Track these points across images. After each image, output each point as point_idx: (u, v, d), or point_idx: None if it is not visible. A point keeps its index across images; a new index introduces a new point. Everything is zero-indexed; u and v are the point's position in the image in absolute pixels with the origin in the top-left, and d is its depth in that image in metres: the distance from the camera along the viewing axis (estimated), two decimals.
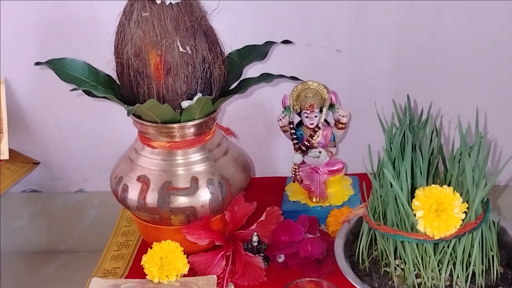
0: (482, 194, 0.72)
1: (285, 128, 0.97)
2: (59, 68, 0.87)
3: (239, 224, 0.92)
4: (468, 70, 1.05)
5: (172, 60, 0.82)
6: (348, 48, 1.05)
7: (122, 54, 0.83)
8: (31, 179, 1.18)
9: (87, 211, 1.20)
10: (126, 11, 0.83)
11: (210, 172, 0.88)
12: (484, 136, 0.74)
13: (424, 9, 1.01)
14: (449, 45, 1.03)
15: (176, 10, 0.81)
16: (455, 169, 0.75)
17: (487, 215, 0.74)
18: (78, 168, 1.18)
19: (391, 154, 0.75)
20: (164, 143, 0.88)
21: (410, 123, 0.80)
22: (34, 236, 1.22)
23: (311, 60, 1.05)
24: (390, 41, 1.04)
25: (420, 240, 0.72)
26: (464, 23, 1.01)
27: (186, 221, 0.88)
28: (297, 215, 0.93)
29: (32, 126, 1.14)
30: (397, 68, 1.06)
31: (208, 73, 0.85)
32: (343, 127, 0.96)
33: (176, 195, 0.86)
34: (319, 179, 0.97)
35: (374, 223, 0.77)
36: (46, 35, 1.06)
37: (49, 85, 1.07)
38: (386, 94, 1.04)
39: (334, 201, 0.99)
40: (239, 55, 0.93)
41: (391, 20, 1.02)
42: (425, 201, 0.70)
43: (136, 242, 1.00)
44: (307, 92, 0.93)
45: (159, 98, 0.83)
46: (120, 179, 0.89)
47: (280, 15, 1.02)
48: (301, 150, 0.95)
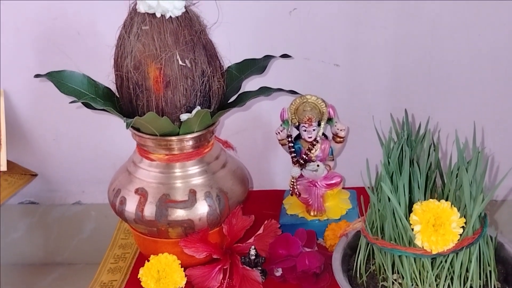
0: (480, 209, 0.72)
1: (283, 142, 0.97)
2: (58, 80, 0.87)
3: (236, 238, 0.91)
4: (465, 85, 1.05)
5: (171, 73, 0.82)
6: (346, 63, 1.05)
7: (122, 67, 0.84)
8: (28, 191, 1.18)
9: (84, 223, 1.20)
10: (126, 25, 0.83)
11: (208, 185, 0.88)
12: (482, 151, 0.75)
13: (422, 25, 1.02)
14: (446, 61, 1.04)
15: (176, 23, 0.82)
16: (452, 183, 0.75)
17: (485, 230, 0.74)
18: (76, 180, 1.18)
19: (389, 168, 0.76)
20: (162, 156, 0.88)
21: (408, 137, 0.80)
22: (31, 248, 1.21)
23: (309, 74, 1.06)
24: (388, 56, 1.04)
25: (418, 254, 0.72)
26: (461, 39, 1.02)
27: (184, 234, 0.88)
28: (295, 228, 0.93)
29: (30, 137, 1.14)
30: (395, 82, 1.06)
31: (207, 86, 0.85)
32: (341, 141, 0.96)
33: (174, 208, 0.86)
34: (317, 193, 0.97)
35: (372, 237, 0.77)
36: (45, 47, 1.06)
37: (48, 97, 1.08)
38: (384, 108, 1.05)
39: (332, 215, 0.99)
40: (238, 69, 0.94)
41: (388, 35, 1.03)
42: (422, 215, 0.70)
43: (133, 254, 0.99)
44: (306, 106, 0.94)
45: (158, 111, 0.84)
46: (118, 191, 0.89)
47: (279, 29, 1.03)
48: (299, 163, 0.95)
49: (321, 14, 1.02)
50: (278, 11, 1.02)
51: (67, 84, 0.88)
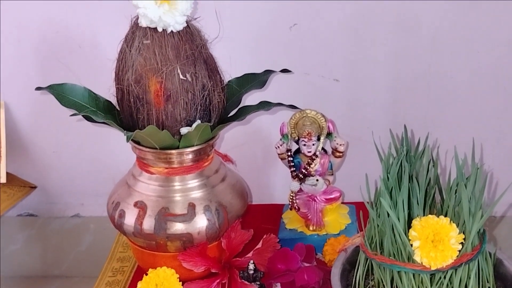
0: (479, 225, 0.72)
1: (283, 156, 0.97)
2: (59, 93, 0.88)
3: (235, 252, 0.91)
4: (464, 101, 1.06)
5: (172, 87, 0.83)
6: (346, 78, 1.06)
7: (123, 80, 0.84)
8: (27, 203, 1.18)
9: (83, 236, 1.20)
10: (127, 38, 0.84)
11: (207, 198, 0.88)
12: (480, 167, 0.75)
13: (421, 41, 1.02)
14: (445, 76, 1.04)
15: (177, 38, 0.82)
16: (451, 199, 0.75)
17: (484, 246, 0.74)
18: (75, 192, 1.18)
19: (388, 183, 0.76)
20: (162, 169, 0.88)
21: (407, 153, 0.80)
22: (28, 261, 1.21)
23: (309, 89, 1.07)
24: (387, 71, 1.05)
25: (417, 270, 0.72)
26: (460, 55, 1.03)
27: (182, 248, 0.88)
28: (293, 243, 0.93)
29: (30, 150, 1.14)
30: (394, 98, 1.07)
31: (207, 100, 0.86)
32: (340, 156, 0.97)
33: (173, 221, 0.86)
34: (316, 207, 0.97)
35: (371, 252, 0.76)
36: (47, 60, 1.07)
37: (48, 110, 1.08)
38: (383, 123, 1.05)
39: (331, 230, 0.99)
40: (238, 83, 0.94)
41: (388, 50, 1.03)
42: (421, 231, 0.70)
43: (131, 268, 0.99)
44: (305, 120, 0.94)
45: (158, 124, 0.84)
46: (117, 204, 0.89)
47: (279, 44, 1.04)
48: (299, 177, 0.96)
49: (321, 30, 1.03)
50: (279, 26, 1.03)
51: (68, 97, 0.88)
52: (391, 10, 1.00)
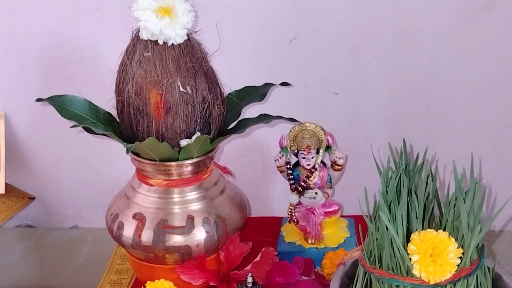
0: (477, 239, 0.72)
1: (282, 169, 0.98)
2: (60, 104, 0.88)
3: (234, 265, 0.91)
4: (463, 115, 1.06)
5: (172, 99, 0.83)
6: (345, 91, 1.06)
7: (123, 92, 0.84)
8: (25, 214, 1.17)
9: (81, 248, 1.19)
10: (128, 51, 0.84)
11: (206, 211, 0.88)
12: (479, 181, 0.75)
13: (420, 55, 1.03)
14: (444, 91, 1.05)
15: (177, 51, 0.83)
16: (450, 214, 0.75)
17: (482, 260, 0.74)
18: (74, 204, 1.18)
19: (387, 197, 0.76)
20: (161, 181, 0.88)
21: (406, 167, 0.80)
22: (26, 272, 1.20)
23: (308, 102, 1.07)
24: (386, 85, 1.06)
25: (416, 284, 0.72)
26: (459, 70, 1.03)
27: (181, 260, 0.87)
28: (292, 256, 0.93)
29: (29, 160, 1.14)
30: (393, 112, 1.07)
31: (207, 112, 0.86)
32: (339, 169, 0.97)
33: (172, 234, 0.86)
34: (315, 220, 0.97)
35: (369, 266, 0.76)
36: (47, 71, 1.07)
37: (48, 121, 1.08)
38: (382, 137, 1.06)
39: (330, 243, 0.98)
40: (238, 96, 0.94)
41: (387, 65, 1.04)
42: (420, 245, 0.70)
43: (129, 280, 0.99)
44: (304, 133, 0.94)
45: (158, 136, 0.84)
46: (116, 216, 0.89)
47: (279, 58, 1.04)
48: (298, 190, 0.96)
49: (320, 44, 1.03)
50: (279, 40, 1.03)
51: (68, 108, 0.88)
52: (391, 25, 1.01)
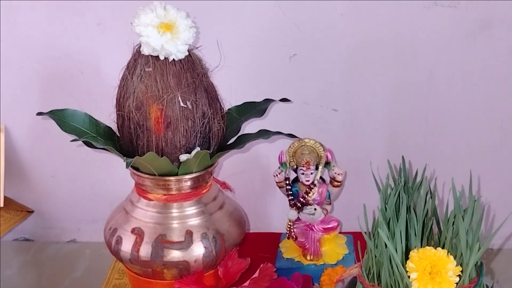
0: (476, 257, 0.72)
1: (281, 184, 0.98)
2: (60, 118, 0.88)
3: (232, 281, 0.91)
4: (461, 133, 1.07)
5: (172, 114, 0.83)
6: (344, 108, 1.07)
7: (124, 107, 0.85)
8: (23, 228, 1.17)
9: (79, 262, 1.19)
10: (129, 66, 0.85)
11: (205, 226, 0.88)
12: (478, 199, 0.75)
13: (419, 73, 1.04)
14: (442, 109, 1.05)
15: (178, 66, 0.84)
16: (449, 231, 0.75)
17: (481, 279, 0.74)
18: (72, 217, 1.17)
19: (386, 214, 0.76)
20: (160, 196, 0.88)
21: (405, 184, 0.81)
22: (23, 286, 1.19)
23: (308, 118, 1.07)
24: (385, 103, 1.06)
25: None
26: (457, 87, 1.04)
27: (179, 276, 0.87)
28: (291, 272, 0.93)
29: (28, 174, 1.14)
30: (392, 128, 1.08)
31: (207, 128, 0.86)
32: (338, 185, 0.97)
33: (170, 249, 0.86)
34: (314, 237, 0.97)
35: (368, 283, 0.76)
36: (48, 85, 1.07)
37: (48, 134, 1.08)
38: (381, 154, 1.06)
39: (328, 260, 0.98)
40: (238, 111, 0.95)
41: (386, 82, 1.05)
42: (419, 263, 0.70)
43: None
44: (304, 149, 0.95)
45: (158, 151, 0.84)
46: (114, 230, 0.89)
47: (279, 74, 1.05)
48: (297, 206, 0.96)
49: (320, 60, 1.04)
50: (279, 56, 1.04)
51: (68, 122, 0.89)
52: (390, 43, 1.02)
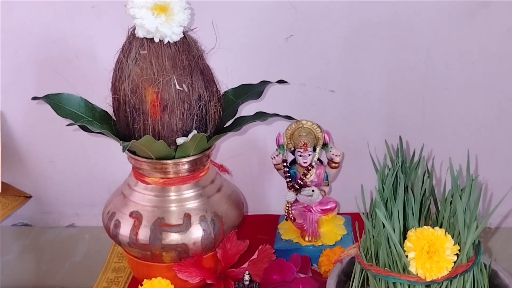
0: (474, 236, 0.72)
1: (279, 166, 0.97)
2: (56, 103, 0.88)
3: (231, 262, 0.91)
4: (459, 113, 1.07)
5: (168, 97, 0.83)
6: (342, 89, 1.07)
7: (119, 90, 0.84)
8: (22, 213, 1.17)
9: (77, 246, 1.19)
10: (124, 49, 0.84)
11: (203, 209, 0.88)
12: (475, 178, 0.75)
13: (416, 53, 1.03)
14: (440, 88, 1.05)
15: (174, 48, 0.83)
16: (446, 211, 0.75)
17: (479, 257, 0.74)
18: (70, 202, 1.17)
19: (384, 194, 0.76)
20: (157, 179, 0.88)
21: (402, 164, 0.80)
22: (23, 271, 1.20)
23: (305, 99, 1.07)
24: (383, 83, 1.06)
25: (412, 282, 0.72)
26: (455, 67, 1.04)
27: (178, 258, 0.87)
28: (289, 254, 0.93)
29: (26, 159, 1.14)
30: (390, 109, 1.07)
31: (203, 110, 0.86)
32: (336, 166, 0.97)
33: (168, 232, 0.86)
34: (312, 218, 0.97)
35: (366, 263, 0.76)
36: (43, 70, 1.07)
37: (45, 120, 1.08)
38: (379, 134, 1.06)
39: (327, 241, 0.99)
40: (234, 94, 0.94)
41: (383, 62, 1.04)
42: (417, 242, 0.70)
43: (126, 279, 0.99)
44: (301, 131, 0.94)
45: (154, 134, 0.84)
46: (112, 214, 0.89)
47: (275, 55, 1.04)
48: (294, 188, 0.96)
49: (317, 41, 1.03)
50: (275, 37, 1.03)
51: (64, 106, 0.88)
52: (387, 23, 1.01)
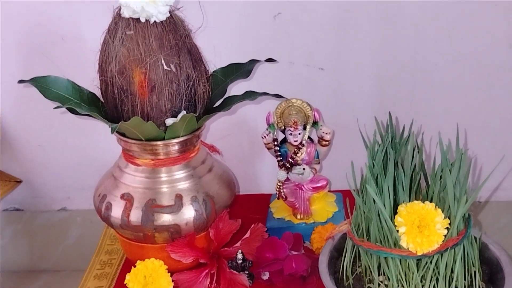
0: (464, 210, 0.72)
1: (269, 145, 0.97)
2: (42, 86, 0.87)
3: (223, 242, 0.91)
4: (448, 88, 1.07)
5: (156, 78, 0.82)
6: (331, 66, 1.06)
7: (106, 72, 0.83)
8: (13, 198, 1.17)
9: (70, 230, 1.19)
10: (110, 30, 0.83)
11: (194, 189, 0.88)
12: (465, 152, 0.75)
13: (405, 29, 1.03)
14: (429, 64, 1.05)
15: (160, 28, 0.82)
16: (436, 185, 0.76)
17: (469, 230, 0.75)
18: (61, 186, 1.17)
19: (374, 170, 0.76)
20: (148, 161, 0.88)
21: (392, 140, 0.81)
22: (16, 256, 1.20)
23: (294, 78, 1.07)
24: (372, 60, 1.05)
25: (403, 256, 0.73)
26: (444, 42, 1.03)
27: (170, 239, 0.88)
28: (281, 232, 0.94)
29: (15, 144, 1.13)
30: (379, 86, 1.07)
31: (192, 90, 0.86)
32: (326, 144, 0.97)
33: (160, 213, 0.86)
34: (303, 196, 0.98)
35: (357, 239, 0.77)
36: (29, 53, 1.05)
37: (33, 103, 1.07)
38: (369, 111, 1.06)
39: (318, 218, 0.99)
40: (223, 73, 0.94)
41: (372, 39, 1.04)
42: (407, 217, 0.71)
43: (119, 260, 0.99)
44: (291, 110, 0.94)
45: (143, 115, 0.83)
46: (103, 197, 0.89)
47: (264, 33, 1.04)
48: (285, 167, 0.96)
49: (305, 19, 1.02)
50: (263, 15, 1.02)
51: (51, 89, 0.87)
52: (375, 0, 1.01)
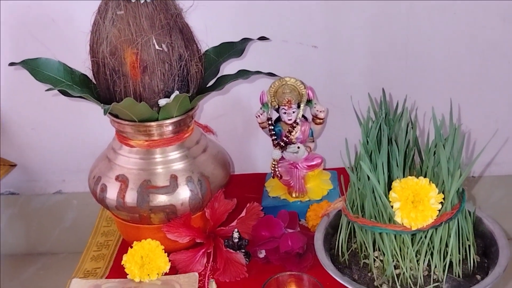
0: (457, 184, 0.73)
1: (264, 125, 0.97)
2: (34, 68, 0.86)
3: (219, 221, 0.92)
4: (441, 63, 1.06)
5: (148, 58, 0.82)
6: (324, 44, 1.06)
7: (98, 53, 0.83)
8: (8, 182, 1.17)
9: (66, 212, 1.19)
10: (100, 10, 0.82)
11: (189, 169, 0.88)
12: (458, 127, 0.76)
13: (398, 5, 1.02)
14: (423, 39, 1.05)
15: (151, 8, 0.81)
16: (430, 160, 0.76)
17: (463, 205, 0.76)
18: (56, 169, 1.17)
19: (368, 147, 0.76)
20: (142, 142, 0.87)
21: (386, 116, 0.81)
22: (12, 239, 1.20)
23: (287, 56, 1.06)
24: (365, 37, 1.05)
25: (398, 231, 0.73)
26: (437, 18, 1.03)
27: (166, 220, 0.88)
28: (277, 210, 0.94)
29: (8, 128, 1.13)
30: (373, 63, 1.07)
31: (185, 70, 0.85)
32: (320, 122, 0.97)
33: (156, 194, 0.86)
34: (298, 174, 0.98)
35: (352, 215, 0.77)
36: (20, 35, 1.04)
37: (24, 86, 1.06)
38: (362, 88, 1.05)
39: (314, 196, 0.99)
40: (215, 52, 0.93)
41: (366, 16, 1.03)
42: (401, 192, 0.71)
43: (116, 242, 0.99)
44: (285, 88, 0.94)
45: (136, 96, 0.83)
46: (98, 179, 0.89)
47: (256, 11, 1.03)
48: (280, 146, 0.96)
49: None
50: None
51: (42, 71, 0.87)
52: None
